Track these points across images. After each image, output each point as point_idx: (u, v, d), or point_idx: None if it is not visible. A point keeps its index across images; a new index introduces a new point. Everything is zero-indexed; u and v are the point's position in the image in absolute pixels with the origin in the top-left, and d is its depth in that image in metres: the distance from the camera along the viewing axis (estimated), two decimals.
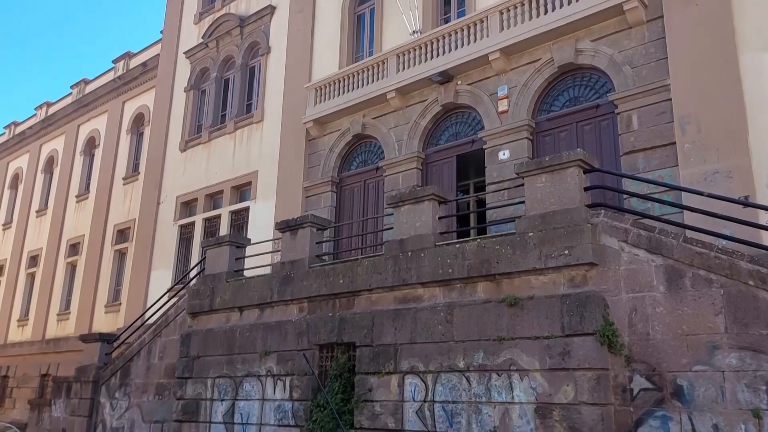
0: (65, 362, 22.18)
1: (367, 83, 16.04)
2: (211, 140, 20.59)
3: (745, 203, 8.93)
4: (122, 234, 23.68)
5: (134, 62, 25.84)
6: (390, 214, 10.70)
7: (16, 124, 32.93)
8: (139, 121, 24.95)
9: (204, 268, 13.70)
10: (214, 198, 20.18)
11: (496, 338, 8.43)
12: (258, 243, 14.15)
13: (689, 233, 8.28)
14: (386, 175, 15.62)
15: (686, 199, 10.09)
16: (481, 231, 12.60)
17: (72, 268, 25.69)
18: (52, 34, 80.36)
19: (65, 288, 25.56)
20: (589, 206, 8.48)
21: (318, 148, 17.38)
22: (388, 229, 10.76)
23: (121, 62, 26.37)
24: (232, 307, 12.33)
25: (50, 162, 29.41)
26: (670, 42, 11.67)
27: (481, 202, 14.94)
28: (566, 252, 8.11)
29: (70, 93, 29.20)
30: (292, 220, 12.01)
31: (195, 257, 19.29)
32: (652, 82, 11.79)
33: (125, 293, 21.90)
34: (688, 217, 9.74)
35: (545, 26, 12.97)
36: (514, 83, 13.74)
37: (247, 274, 13.08)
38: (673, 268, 7.58)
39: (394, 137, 15.69)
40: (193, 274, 15.76)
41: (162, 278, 20.25)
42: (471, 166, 15.08)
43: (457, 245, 9.24)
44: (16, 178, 31.76)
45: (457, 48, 14.37)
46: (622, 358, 7.66)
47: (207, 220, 19.97)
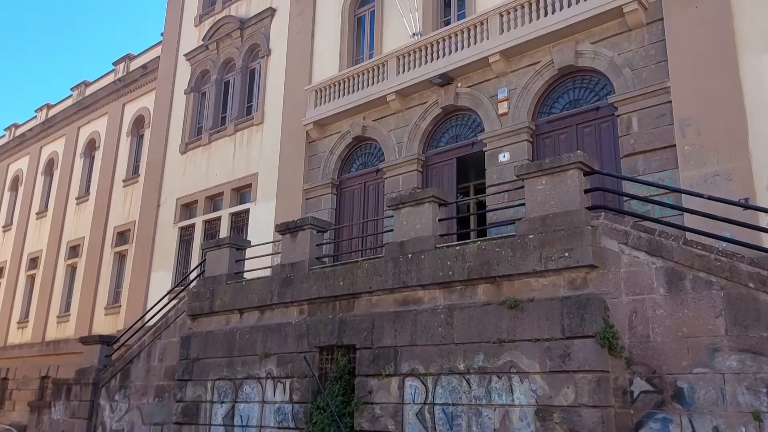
0: (65, 364, 22.18)
1: (368, 85, 16.06)
2: (212, 142, 20.60)
3: (745, 205, 8.91)
4: (122, 236, 23.69)
5: (134, 64, 25.86)
6: (390, 216, 10.70)
7: (17, 126, 32.95)
8: (139, 123, 24.97)
9: (204, 270, 13.70)
10: (214, 200, 20.18)
11: (497, 340, 8.43)
12: (258, 245, 14.15)
13: (689, 235, 8.27)
14: (386, 177, 15.62)
15: (686, 201, 10.09)
16: (482, 233, 12.61)
17: (72, 270, 25.69)
18: (53, 37, 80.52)
19: (65, 290, 25.56)
20: (590, 208, 8.48)
21: (318, 150, 17.39)
22: (388, 231, 10.76)
23: (122, 64, 26.40)
24: (232, 309, 12.33)
25: (50, 164, 29.43)
26: (670, 44, 11.68)
27: (482, 205, 14.94)
28: (566, 254, 8.11)
29: (71, 95, 29.24)
30: (292, 222, 12.01)
31: (195, 259, 19.29)
32: (652, 84, 11.80)
33: (125, 295, 21.90)
34: (688, 220, 9.74)
35: (545, 29, 12.98)
36: (514, 85, 13.75)
37: (247, 276, 13.07)
38: (674, 271, 7.58)
39: (395, 139, 15.70)
40: (193, 276, 15.77)
41: (162, 280, 20.25)
42: (471, 169, 15.09)
43: (458, 247, 9.24)
44: (16, 180, 31.78)
45: (457, 50, 14.39)
46: (623, 361, 7.65)
47: (207, 222, 19.97)
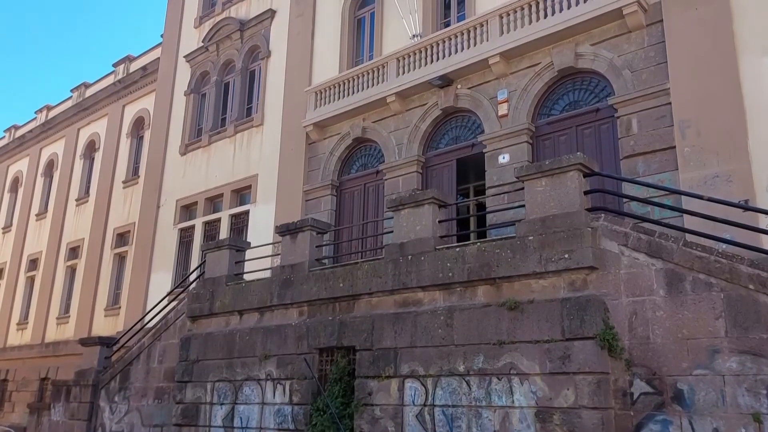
0: (65, 366, 22.16)
1: (367, 87, 16.07)
2: (211, 144, 20.60)
3: (745, 207, 8.92)
4: (122, 237, 23.69)
5: (134, 66, 25.87)
6: (390, 218, 10.70)
7: (16, 128, 32.96)
8: (139, 124, 24.97)
9: (204, 272, 13.69)
10: (214, 201, 20.18)
11: (497, 342, 8.42)
12: (258, 246, 14.14)
13: (689, 237, 8.28)
14: (386, 179, 15.62)
15: (686, 202, 10.09)
16: (481, 235, 12.60)
17: (72, 271, 25.68)
18: (53, 38, 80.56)
19: (65, 291, 25.55)
20: (589, 210, 8.48)
21: (318, 151, 17.39)
22: (388, 232, 10.76)
23: (122, 66, 26.40)
24: (232, 311, 12.32)
25: (50, 165, 29.42)
26: (670, 46, 11.68)
27: (481, 206, 14.93)
28: (566, 256, 8.11)
29: (71, 96, 29.24)
30: (292, 223, 12.01)
31: (195, 261, 19.28)
32: (651, 86, 11.80)
33: (125, 297, 21.89)
34: (688, 221, 9.74)
35: (545, 30, 12.99)
36: (514, 87, 13.76)
37: (247, 277, 13.06)
38: (674, 272, 7.58)
39: (394, 141, 15.70)
40: (192, 277, 15.76)
41: (162, 282, 20.24)
42: (471, 170, 15.09)
43: (458, 249, 9.24)
44: (16, 182, 31.77)
45: (457, 52, 14.39)
46: (623, 362, 7.65)
47: (207, 224, 19.97)
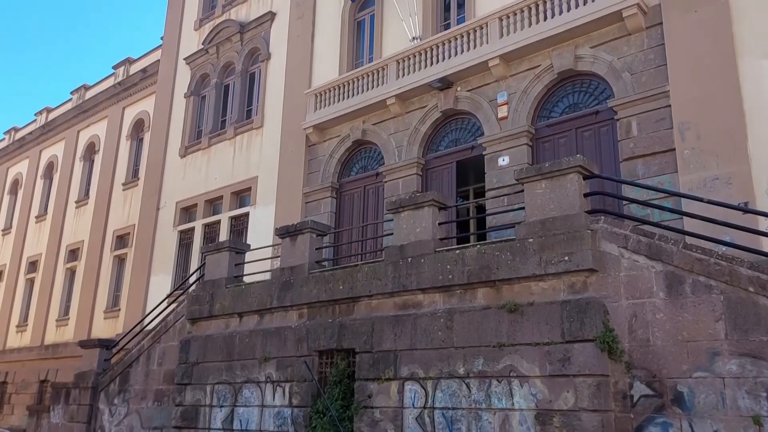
0: (64, 368, 22.15)
1: (367, 89, 16.08)
2: (211, 146, 20.61)
3: (745, 209, 8.92)
4: (122, 239, 23.68)
5: (134, 68, 25.89)
6: (390, 220, 10.70)
7: (16, 130, 32.97)
8: (139, 126, 24.98)
9: (203, 274, 13.69)
10: (213, 204, 20.19)
11: (496, 344, 8.42)
12: (257, 249, 14.14)
13: (689, 239, 8.28)
14: (386, 181, 15.62)
15: (686, 205, 10.08)
16: (481, 237, 12.60)
17: (71, 273, 25.67)
18: (53, 40, 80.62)
19: (64, 293, 25.54)
20: (589, 212, 8.48)
21: (318, 153, 17.40)
22: (388, 234, 10.76)
23: (122, 68, 26.43)
24: (232, 313, 12.31)
25: (50, 167, 29.43)
26: (670, 48, 11.70)
27: (481, 208, 14.94)
28: (566, 258, 8.11)
29: (70, 99, 29.25)
30: (291, 225, 12.01)
31: (194, 263, 19.27)
32: (651, 88, 11.81)
33: (124, 299, 21.88)
34: (688, 224, 9.72)
35: (545, 33, 13.00)
36: (514, 89, 13.77)
37: (247, 280, 13.07)
38: (673, 275, 7.58)
39: (394, 143, 15.71)
40: (192, 279, 15.76)
41: (161, 284, 20.23)
42: (471, 172, 15.10)
43: (457, 251, 9.23)
44: (15, 184, 31.77)
45: (456, 54, 14.40)
46: (623, 365, 7.65)
47: (207, 226, 19.97)
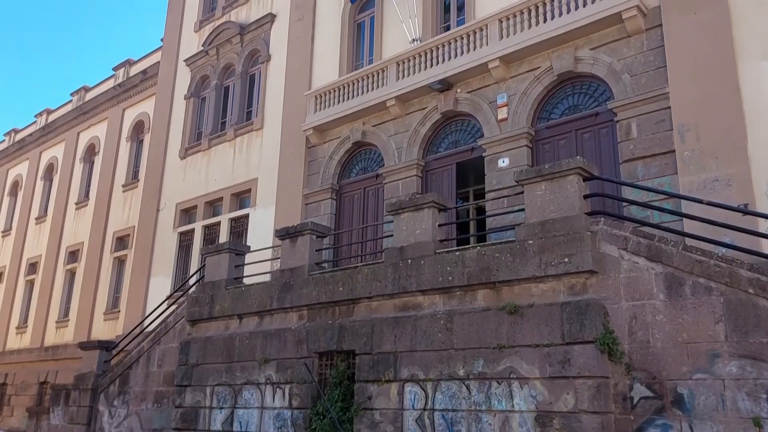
0: (64, 370, 22.14)
1: (367, 91, 16.08)
2: (211, 147, 20.61)
3: (745, 211, 8.93)
4: (121, 241, 23.67)
5: (134, 70, 25.91)
6: (390, 222, 10.70)
7: (16, 131, 32.97)
8: (139, 128, 24.98)
9: (203, 276, 13.69)
10: (213, 205, 20.19)
11: (496, 346, 8.42)
12: (257, 250, 14.14)
13: (689, 241, 8.29)
14: (386, 183, 15.62)
15: (686, 206, 10.09)
16: (481, 239, 12.62)
17: (71, 275, 25.66)
18: (53, 42, 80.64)
19: (64, 295, 25.52)
20: (589, 214, 8.49)
21: (318, 155, 17.40)
22: (388, 236, 10.76)
23: (122, 70, 26.44)
24: (232, 315, 12.31)
25: (50, 169, 29.43)
26: (669, 50, 11.70)
27: (481, 210, 14.94)
28: (566, 260, 8.11)
29: (70, 100, 29.26)
30: (291, 227, 12.01)
31: (194, 264, 19.27)
32: (651, 90, 11.81)
33: (124, 300, 21.87)
34: (688, 225, 9.73)
35: (544, 34, 13.01)
36: (514, 91, 13.78)
37: (247, 281, 13.06)
38: (673, 276, 7.58)
39: (394, 145, 15.71)
40: (192, 281, 15.74)
41: (161, 285, 20.23)
42: (471, 174, 15.10)
43: (457, 253, 9.24)
44: (15, 185, 31.77)
45: (456, 56, 14.41)
46: (623, 366, 7.65)
47: (206, 228, 19.97)
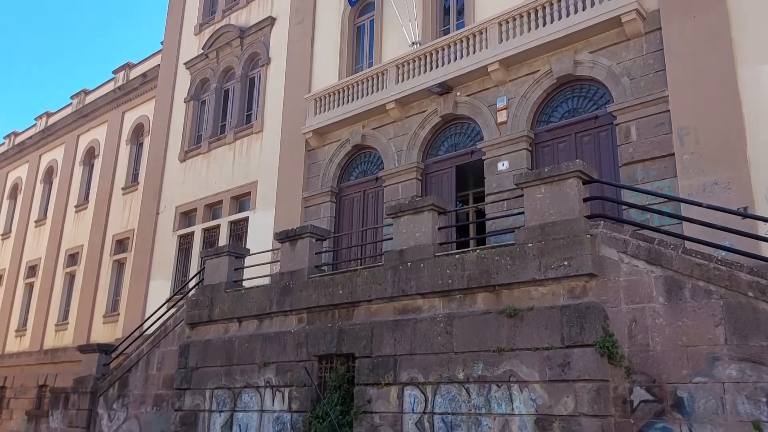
0: (63, 373, 22.10)
1: (367, 94, 16.10)
2: (211, 150, 20.62)
3: (744, 214, 8.94)
4: (121, 244, 23.66)
5: (134, 73, 25.92)
6: (389, 225, 10.70)
7: (16, 134, 32.96)
8: (138, 131, 25.00)
9: (203, 279, 13.68)
10: (213, 208, 20.18)
11: (496, 349, 8.42)
12: (257, 253, 14.14)
13: (688, 244, 8.28)
14: (386, 186, 15.63)
15: (685, 210, 10.10)
16: (481, 242, 12.61)
17: (70, 278, 25.64)
18: (53, 45, 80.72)
19: (63, 298, 25.49)
20: (589, 217, 8.48)
21: (317, 158, 17.41)
22: (388, 239, 10.75)
23: (121, 73, 26.46)
24: (231, 318, 12.30)
25: (50, 172, 29.43)
26: (669, 54, 11.72)
27: (481, 213, 14.94)
28: (566, 263, 8.11)
29: (70, 103, 29.27)
30: (291, 230, 12.01)
31: (194, 267, 19.27)
32: (650, 93, 11.83)
33: (124, 303, 21.84)
34: (687, 228, 9.75)
35: (544, 38, 13.03)
36: (513, 94, 13.79)
37: (246, 284, 13.05)
38: (673, 279, 7.58)
39: (394, 148, 15.72)
40: (192, 284, 15.74)
41: (161, 289, 20.22)
42: (470, 177, 15.11)
43: (457, 256, 9.24)
44: (15, 188, 31.75)
45: (456, 59, 14.43)
46: (622, 370, 7.64)
47: (206, 231, 19.96)
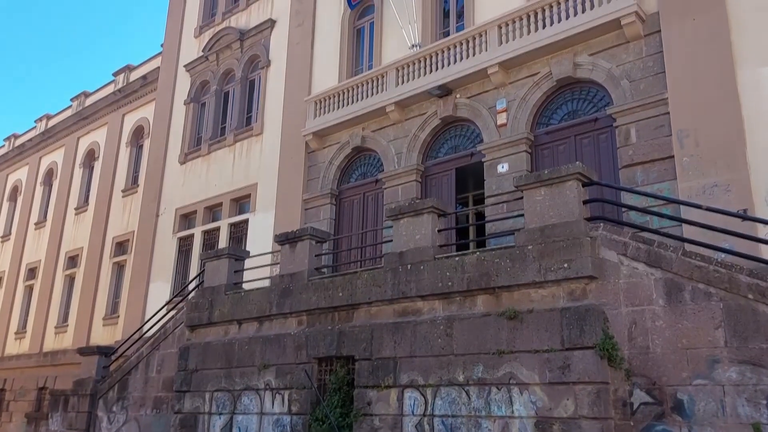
0: (63, 375, 22.09)
1: (367, 96, 16.11)
2: (211, 153, 20.63)
3: (744, 216, 8.93)
4: (121, 246, 23.66)
5: (134, 75, 25.94)
6: (389, 227, 10.70)
7: (16, 137, 32.97)
8: (138, 133, 25.01)
9: (203, 281, 13.67)
10: (213, 210, 20.18)
11: (496, 352, 8.41)
12: (257, 255, 14.12)
13: (688, 246, 8.28)
14: (385, 188, 15.63)
15: (685, 212, 10.10)
16: (481, 244, 12.62)
17: (70, 280, 25.63)
18: (53, 47, 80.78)
19: (63, 300, 25.48)
20: (588, 219, 8.49)
21: (317, 160, 17.42)
22: (388, 241, 10.76)
23: (121, 75, 26.48)
24: (231, 320, 12.29)
25: (49, 174, 29.43)
26: (668, 56, 11.73)
27: (481, 215, 14.94)
28: (565, 265, 8.11)
29: (70, 105, 29.29)
30: (291, 232, 12.01)
31: (194, 270, 19.26)
32: (650, 95, 11.84)
33: (123, 306, 21.83)
34: (687, 231, 9.75)
35: (544, 40, 13.05)
36: (513, 97, 13.80)
37: (246, 286, 13.04)
38: (673, 282, 7.58)
39: (394, 150, 15.73)
40: (191, 286, 15.74)
41: (160, 291, 20.20)
42: (470, 179, 15.12)
43: (457, 258, 9.24)
44: (15, 191, 31.76)
45: (456, 62, 14.45)
46: (622, 372, 7.64)
47: (206, 233, 19.96)
